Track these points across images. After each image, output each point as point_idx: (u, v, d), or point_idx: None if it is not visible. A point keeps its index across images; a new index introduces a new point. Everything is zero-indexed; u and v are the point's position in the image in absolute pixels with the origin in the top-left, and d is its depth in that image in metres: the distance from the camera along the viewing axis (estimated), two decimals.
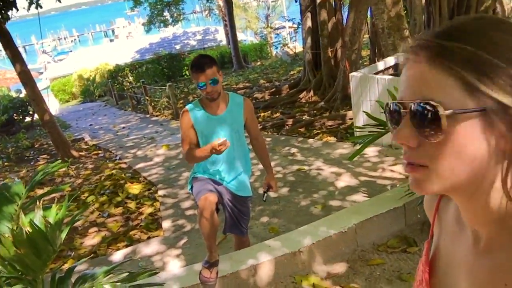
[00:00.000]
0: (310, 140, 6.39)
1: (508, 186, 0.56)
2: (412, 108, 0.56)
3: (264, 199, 2.90)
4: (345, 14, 9.43)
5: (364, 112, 2.95)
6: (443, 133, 0.54)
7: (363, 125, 2.88)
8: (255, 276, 2.82)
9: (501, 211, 0.58)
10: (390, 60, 5.82)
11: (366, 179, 4.53)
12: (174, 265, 3.51)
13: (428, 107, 0.55)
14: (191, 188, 2.83)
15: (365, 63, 10.03)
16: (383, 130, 2.70)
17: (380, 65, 5.79)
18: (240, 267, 2.79)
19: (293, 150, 6.05)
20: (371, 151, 5.25)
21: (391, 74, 5.52)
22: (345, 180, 4.61)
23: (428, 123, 0.55)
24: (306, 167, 5.23)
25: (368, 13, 7.78)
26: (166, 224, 4.41)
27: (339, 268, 2.97)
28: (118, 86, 16.56)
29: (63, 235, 1.82)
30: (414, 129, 0.57)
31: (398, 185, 4.05)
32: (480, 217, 0.61)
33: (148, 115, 11.64)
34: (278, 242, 3.03)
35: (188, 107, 2.72)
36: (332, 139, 6.24)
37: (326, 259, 3.01)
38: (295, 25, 19.11)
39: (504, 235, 0.58)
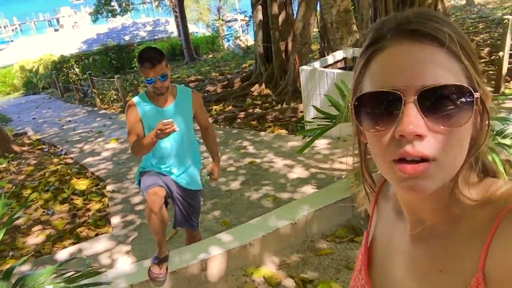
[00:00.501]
0: (262, 133, 6.42)
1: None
2: (423, 94, 0.52)
3: (203, 181, 2.86)
4: (295, 8, 9.53)
5: (313, 106, 3.00)
6: (471, 117, 0.53)
7: (312, 118, 2.93)
8: (206, 270, 2.80)
9: (449, 200, 0.59)
10: (339, 54, 5.94)
11: (316, 171, 4.62)
12: (123, 262, 3.43)
13: (451, 90, 0.52)
14: (139, 182, 2.76)
15: (315, 57, 10.19)
16: (331, 123, 2.76)
17: (330, 58, 5.89)
18: (191, 261, 2.77)
19: (245, 143, 6.06)
20: (321, 144, 5.35)
21: (340, 68, 5.64)
22: (296, 172, 4.68)
23: (449, 109, 0.52)
24: (258, 160, 5.25)
25: (318, 7, 7.91)
26: (115, 220, 4.29)
27: (290, 259, 3.01)
28: (63, 78, 15.87)
29: (1, 234, 1.72)
30: (423, 117, 0.52)
31: (344, 177, 4.17)
32: (428, 205, 0.61)
33: (95, 108, 11.24)
34: (229, 236, 3.03)
35: (134, 100, 2.63)
36: (283, 132, 6.30)
37: (276, 250, 3.05)
38: (247, 18, 19.10)
39: (447, 223, 0.59)
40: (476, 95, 0.52)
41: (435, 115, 0.51)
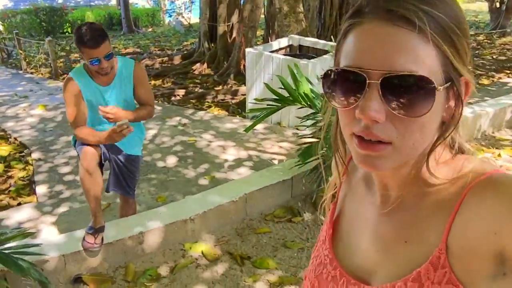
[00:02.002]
0: (201, 112, 6.34)
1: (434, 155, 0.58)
2: (387, 78, 0.51)
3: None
4: None
5: (266, 85, 3.01)
6: (431, 108, 0.52)
7: (262, 99, 2.94)
8: (143, 244, 2.73)
9: (416, 177, 0.61)
10: (284, 41, 5.99)
11: (254, 153, 4.66)
12: (50, 233, 3.24)
13: (414, 80, 0.50)
14: (75, 142, 2.61)
15: (257, 42, 10.21)
16: (280, 105, 2.79)
17: (275, 44, 5.93)
18: (127, 234, 2.68)
19: (184, 120, 5.95)
20: (260, 128, 5.40)
21: (284, 54, 5.70)
22: (234, 154, 4.68)
23: (410, 98, 0.51)
24: (196, 139, 5.19)
25: None
26: (41, 189, 4.03)
27: (228, 236, 3.03)
28: None
29: None
30: (384, 103, 0.52)
31: (285, 160, 4.25)
32: (395, 181, 0.63)
33: (21, 71, 10.37)
34: (168, 210, 2.97)
35: (73, 75, 2.45)
36: (223, 113, 6.27)
37: (215, 227, 3.05)
38: None
39: (415, 197, 0.61)
40: (440, 88, 0.51)
41: (396, 102, 0.51)
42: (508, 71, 7.93)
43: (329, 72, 0.57)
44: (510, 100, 5.08)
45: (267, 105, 2.78)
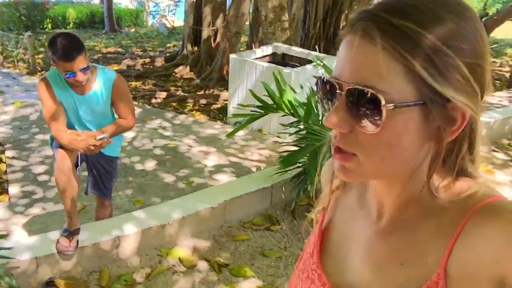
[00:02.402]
0: (182, 116, 6.29)
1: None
2: (349, 91, 0.51)
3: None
4: None
5: (251, 92, 3.01)
6: (380, 126, 0.50)
7: (246, 105, 2.94)
8: (119, 248, 2.68)
9: (413, 197, 0.59)
10: (269, 49, 6.02)
11: (234, 159, 4.65)
12: (22, 235, 3.14)
13: (369, 95, 0.50)
14: (52, 142, 2.55)
15: (241, 48, 10.23)
16: (263, 112, 2.79)
17: (258, 51, 5.94)
18: (103, 237, 2.63)
19: (164, 124, 5.89)
20: (241, 134, 5.39)
21: (268, 62, 5.72)
22: (214, 159, 4.66)
23: (365, 112, 0.51)
24: (176, 143, 5.14)
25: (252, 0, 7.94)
26: (14, 189, 3.92)
27: (206, 242, 3.00)
28: None
29: None
30: (348, 114, 0.52)
31: (263, 168, 4.25)
32: (393, 200, 0.62)
33: None
34: (145, 214, 2.92)
35: (49, 77, 2.37)
36: (204, 118, 6.24)
37: (193, 233, 3.01)
38: None
39: (414, 217, 0.60)
40: (389, 106, 0.49)
41: (356, 115, 0.51)
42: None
43: (316, 80, 0.59)
44: (487, 118, 5.16)
45: (251, 111, 2.78)
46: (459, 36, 0.49)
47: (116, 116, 2.63)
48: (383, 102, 0.49)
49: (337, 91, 0.53)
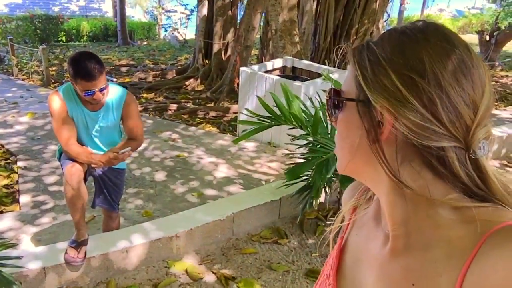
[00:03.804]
0: (192, 128, 6.33)
1: (407, 184, 0.57)
2: (330, 90, 0.65)
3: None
4: (241, 11, 9.58)
5: (259, 99, 3.02)
6: (335, 117, 0.64)
7: (256, 114, 2.95)
8: (126, 259, 2.68)
9: (406, 212, 0.59)
10: (279, 62, 6.06)
11: (243, 172, 4.65)
12: (31, 244, 3.17)
13: (333, 92, 0.64)
14: (60, 156, 2.58)
15: (251, 61, 10.30)
16: (271, 122, 2.81)
17: (269, 64, 5.98)
18: (111, 248, 2.63)
19: (174, 135, 5.93)
20: (250, 146, 5.41)
21: (278, 75, 5.75)
22: (223, 171, 4.67)
23: (329, 106, 0.66)
24: (186, 154, 5.17)
25: (263, 14, 8.01)
26: (25, 198, 3.96)
27: (213, 255, 2.99)
28: None
29: None
30: (330, 109, 0.66)
31: (271, 180, 4.24)
32: (388, 216, 0.62)
33: (12, 77, 10.31)
34: (153, 226, 2.93)
35: (61, 92, 2.40)
36: (214, 130, 6.27)
37: (201, 245, 3.01)
38: (187, 11, 18.81)
39: (421, 238, 0.59)
40: (334, 99, 0.64)
41: (331, 109, 0.65)
42: (496, 104, 8.08)
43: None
44: (499, 133, 5.14)
45: (258, 119, 2.80)
46: (399, 52, 0.57)
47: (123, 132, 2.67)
48: (335, 96, 0.64)
49: None
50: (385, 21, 10.01)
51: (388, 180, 0.59)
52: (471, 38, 20.25)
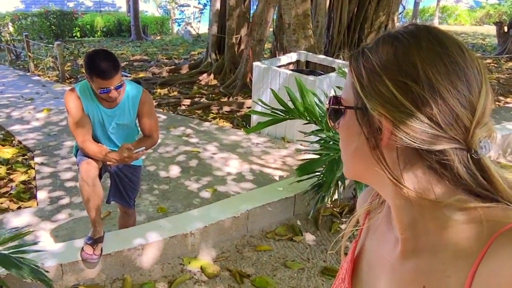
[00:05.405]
0: (206, 123, 6.34)
1: (411, 187, 0.58)
2: (331, 97, 0.66)
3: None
4: (254, 5, 9.52)
5: (272, 91, 3.00)
6: (337, 124, 0.65)
7: (270, 107, 2.93)
8: (142, 256, 2.70)
9: (412, 215, 0.60)
10: (292, 56, 6.01)
11: (257, 167, 4.64)
12: (48, 240, 3.21)
13: (334, 100, 0.65)
14: (76, 152, 2.60)
15: (264, 55, 10.26)
16: (285, 116, 2.79)
17: (283, 59, 5.95)
18: (127, 245, 2.65)
19: (188, 131, 5.95)
20: (264, 141, 5.39)
21: (292, 70, 5.71)
22: (237, 167, 4.66)
23: (330, 113, 0.67)
24: (199, 150, 5.18)
25: (277, 8, 7.95)
26: (42, 194, 4.01)
27: (228, 252, 2.99)
28: None
29: None
30: (332, 117, 0.68)
31: (285, 176, 4.22)
32: (396, 220, 0.63)
33: (28, 73, 10.45)
34: (169, 223, 2.94)
35: (78, 90, 2.41)
36: (227, 125, 6.27)
37: (216, 242, 3.01)
38: (200, 5, 18.80)
39: (430, 239, 0.60)
40: (334, 106, 0.65)
41: (333, 116, 0.66)
42: None
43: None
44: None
45: (271, 111, 2.78)
46: (392, 58, 0.58)
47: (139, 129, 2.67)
48: (336, 103, 0.65)
49: None
50: (400, 14, 9.85)
51: (392, 184, 0.60)
52: (489, 30, 19.88)
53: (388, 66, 0.57)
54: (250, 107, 6.42)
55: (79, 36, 18.44)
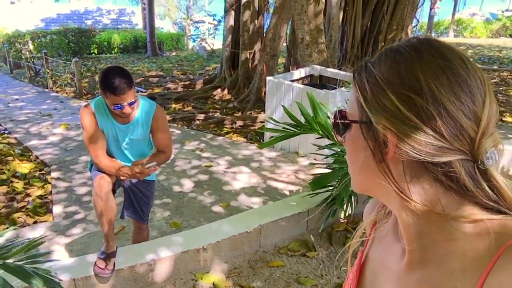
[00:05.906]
0: (220, 138, 6.37)
1: (417, 200, 0.58)
2: (336, 112, 0.67)
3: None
4: (267, 20, 9.61)
5: (284, 108, 3.02)
6: (343, 138, 0.65)
7: (282, 122, 2.94)
8: (154, 271, 2.70)
9: (419, 227, 0.60)
10: (306, 70, 6.03)
11: (270, 182, 4.62)
12: (63, 254, 3.24)
13: (339, 114, 0.65)
14: (91, 167, 2.64)
15: (278, 70, 10.31)
16: (297, 130, 2.78)
17: (296, 73, 5.97)
18: (139, 261, 2.65)
19: (202, 145, 5.98)
20: (277, 156, 5.38)
21: (305, 84, 5.71)
22: (250, 182, 4.66)
23: (336, 127, 0.66)
24: (213, 164, 5.19)
25: (290, 23, 8.01)
26: (57, 209, 4.06)
27: (240, 267, 2.97)
28: (15, 53, 14.97)
29: None
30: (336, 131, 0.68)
31: (300, 191, 4.20)
32: (403, 231, 0.63)
33: (47, 90, 10.69)
34: (181, 238, 2.94)
35: (93, 106, 2.45)
36: (241, 139, 6.28)
37: (228, 257, 3.00)
38: (215, 22, 19.04)
39: (436, 251, 0.59)
40: (340, 120, 0.64)
41: (338, 130, 0.66)
42: None
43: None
44: None
45: (283, 127, 2.78)
46: (395, 72, 0.58)
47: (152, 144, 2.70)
48: (341, 118, 0.65)
49: None
50: (414, 27, 9.83)
51: (399, 197, 0.60)
52: (506, 42, 19.65)
53: (391, 80, 0.57)
54: (263, 122, 6.44)
55: (96, 53, 18.84)
